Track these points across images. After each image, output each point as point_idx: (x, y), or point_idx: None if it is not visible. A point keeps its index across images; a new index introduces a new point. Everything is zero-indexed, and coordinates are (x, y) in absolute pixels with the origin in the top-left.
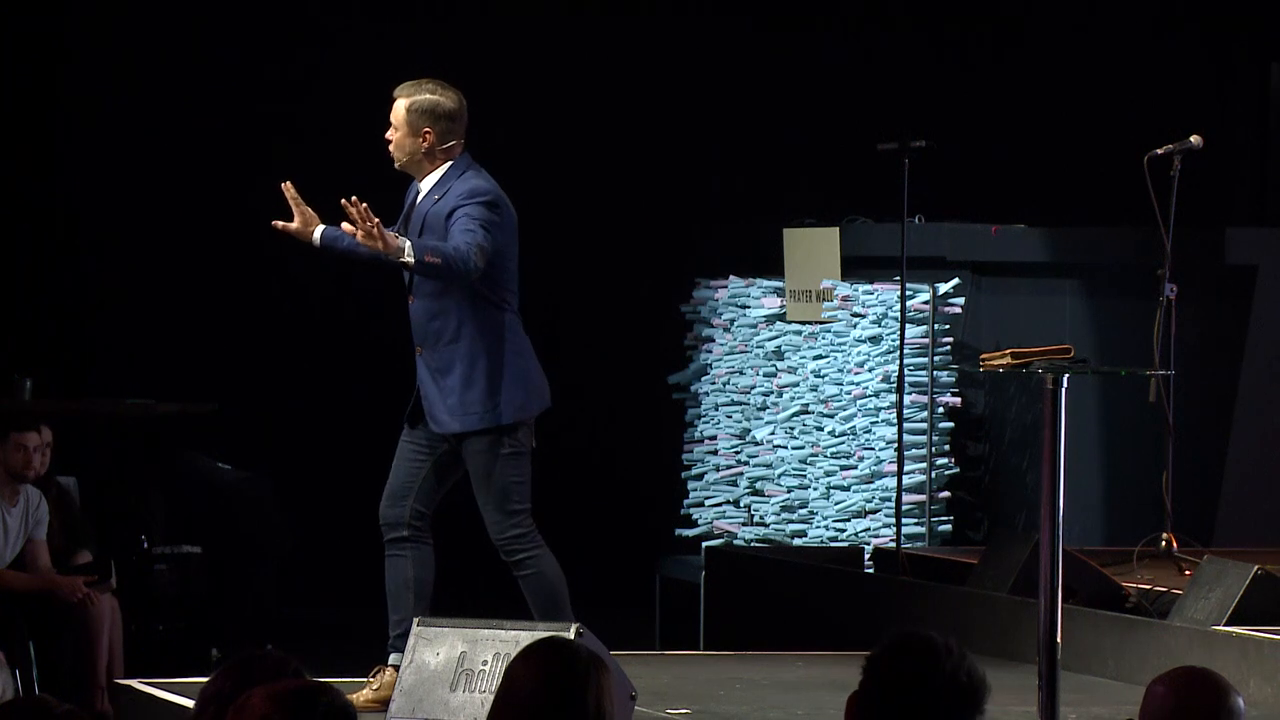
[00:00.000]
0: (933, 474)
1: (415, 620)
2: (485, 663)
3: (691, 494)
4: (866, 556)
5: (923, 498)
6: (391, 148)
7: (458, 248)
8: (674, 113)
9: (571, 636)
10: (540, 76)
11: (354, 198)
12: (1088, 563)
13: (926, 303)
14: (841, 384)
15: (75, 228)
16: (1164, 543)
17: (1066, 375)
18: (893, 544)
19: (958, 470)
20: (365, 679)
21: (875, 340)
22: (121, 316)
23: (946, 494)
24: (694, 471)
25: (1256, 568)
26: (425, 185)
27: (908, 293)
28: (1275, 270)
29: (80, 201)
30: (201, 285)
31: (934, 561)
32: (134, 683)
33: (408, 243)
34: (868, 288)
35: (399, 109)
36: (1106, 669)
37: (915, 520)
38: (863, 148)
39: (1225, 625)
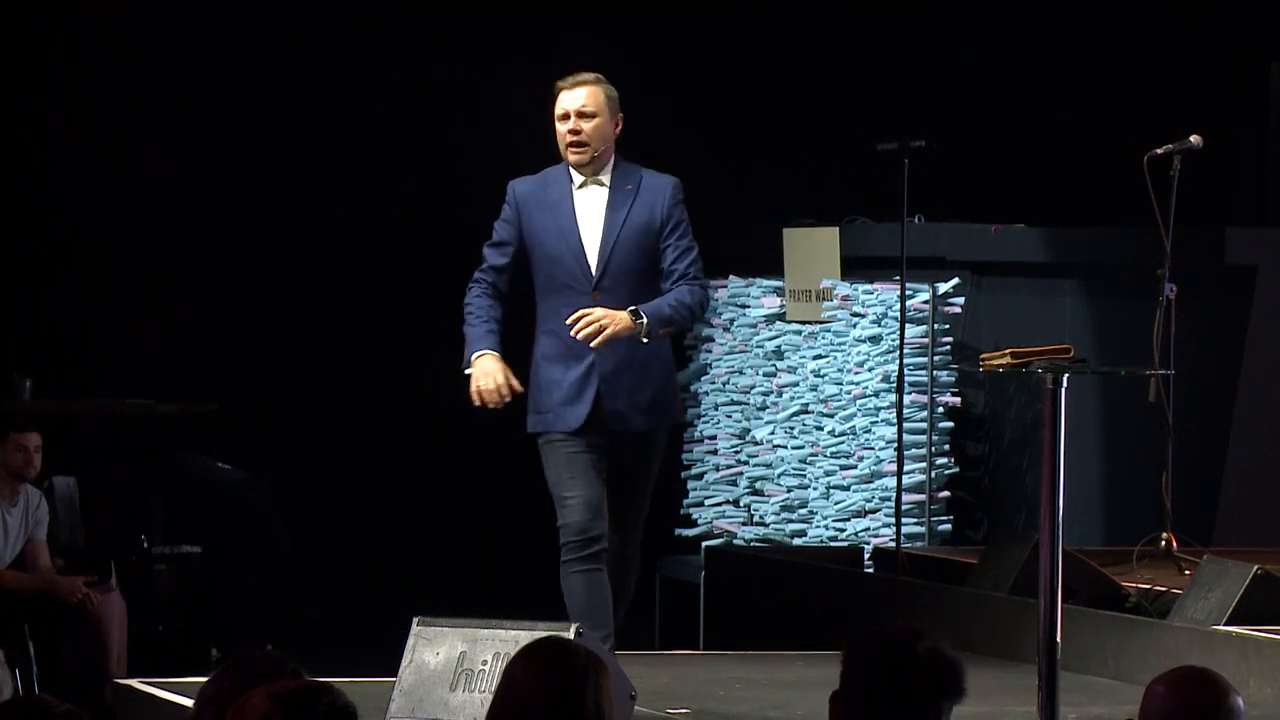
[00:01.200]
0: (932, 474)
1: (415, 620)
2: (485, 663)
3: (691, 494)
4: (866, 556)
5: (922, 497)
6: (586, 136)
7: (694, 302)
8: (673, 113)
9: (571, 636)
10: (539, 75)
11: (581, 321)
12: (1088, 563)
13: (926, 303)
14: (841, 384)
15: (75, 228)
16: (1164, 543)
17: (1066, 375)
18: (892, 544)
19: (958, 470)
20: (361, 679)
21: (875, 340)
22: (121, 316)
23: (946, 494)
24: (694, 471)
25: (1256, 568)
26: (605, 177)
27: (907, 293)
28: (1275, 270)
29: (80, 202)
30: (201, 285)
31: (934, 561)
32: (134, 683)
33: (641, 315)
34: (867, 287)
35: (597, 95)
36: (1106, 669)
37: (915, 520)
38: (863, 148)
39: (1225, 625)
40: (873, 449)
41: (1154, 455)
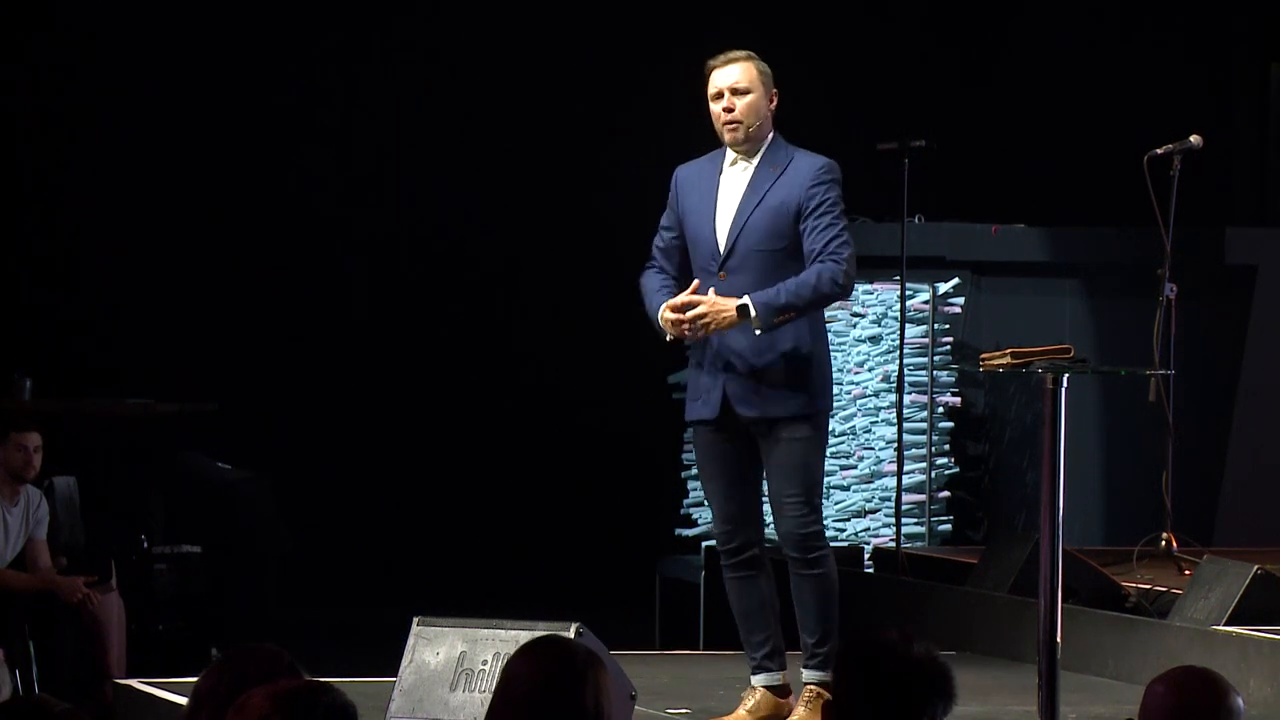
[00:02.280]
0: (933, 474)
1: (415, 620)
2: (485, 662)
3: (691, 494)
4: (866, 556)
5: (923, 497)
6: (740, 115)
7: (819, 281)
8: (674, 112)
9: (571, 635)
10: (539, 75)
11: (683, 315)
12: (1088, 563)
13: (926, 303)
14: (841, 384)
15: (76, 228)
16: (1164, 543)
17: (1066, 375)
18: (893, 544)
19: (958, 470)
20: (361, 679)
21: (875, 340)
22: (121, 316)
23: (946, 494)
24: (694, 471)
25: (1256, 568)
26: (756, 157)
27: (907, 292)
28: (1275, 270)
29: (80, 201)
30: (202, 285)
31: (934, 561)
32: (134, 682)
33: (750, 309)
34: (867, 287)
35: (750, 72)
36: (1106, 669)
37: (915, 520)
38: (863, 148)
39: (1225, 625)
40: (873, 449)
41: (1154, 455)
